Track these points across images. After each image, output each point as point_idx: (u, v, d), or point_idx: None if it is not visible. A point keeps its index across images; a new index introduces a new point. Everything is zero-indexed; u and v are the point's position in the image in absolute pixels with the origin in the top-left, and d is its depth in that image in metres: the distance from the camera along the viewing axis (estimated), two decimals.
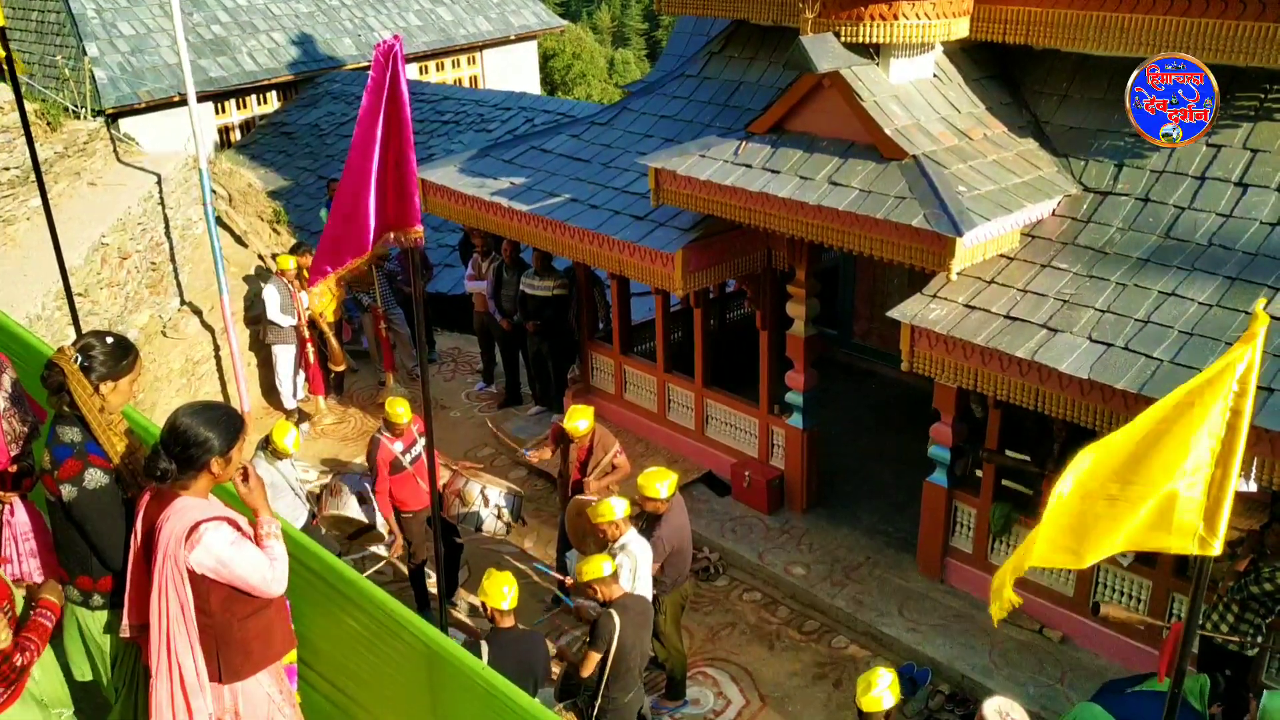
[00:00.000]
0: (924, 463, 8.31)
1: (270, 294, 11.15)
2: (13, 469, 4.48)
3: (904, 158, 7.09)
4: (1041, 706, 7.19)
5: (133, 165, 11.27)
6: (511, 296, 11.05)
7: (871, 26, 7.38)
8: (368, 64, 4.99)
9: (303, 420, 11.51)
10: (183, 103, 13.32)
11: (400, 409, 8.01)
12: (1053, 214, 7.43)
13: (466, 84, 21.74)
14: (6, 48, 6.98)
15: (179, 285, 11.24)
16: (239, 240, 12.29)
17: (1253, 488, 6.12)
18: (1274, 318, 6.08)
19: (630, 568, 6.79)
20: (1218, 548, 2.95)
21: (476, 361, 12.72)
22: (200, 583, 3.71)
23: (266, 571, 3.79)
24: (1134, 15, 7.04)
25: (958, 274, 6.90)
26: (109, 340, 4.09)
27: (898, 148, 7.11)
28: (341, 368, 11.87)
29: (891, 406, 10.79)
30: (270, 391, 11.90)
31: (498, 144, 11.22)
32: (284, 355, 11.47)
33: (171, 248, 11.12)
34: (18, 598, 4.06)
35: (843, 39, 7.46)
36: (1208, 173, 7.06)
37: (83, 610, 4.16)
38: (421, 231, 4.82)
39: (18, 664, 3.72)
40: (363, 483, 8.22)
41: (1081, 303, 6.71)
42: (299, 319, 11.27)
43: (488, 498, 8.00)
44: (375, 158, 4.65)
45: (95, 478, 3.93)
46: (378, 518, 8.13)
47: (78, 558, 4.09)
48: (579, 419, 7.98)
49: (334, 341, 11.47)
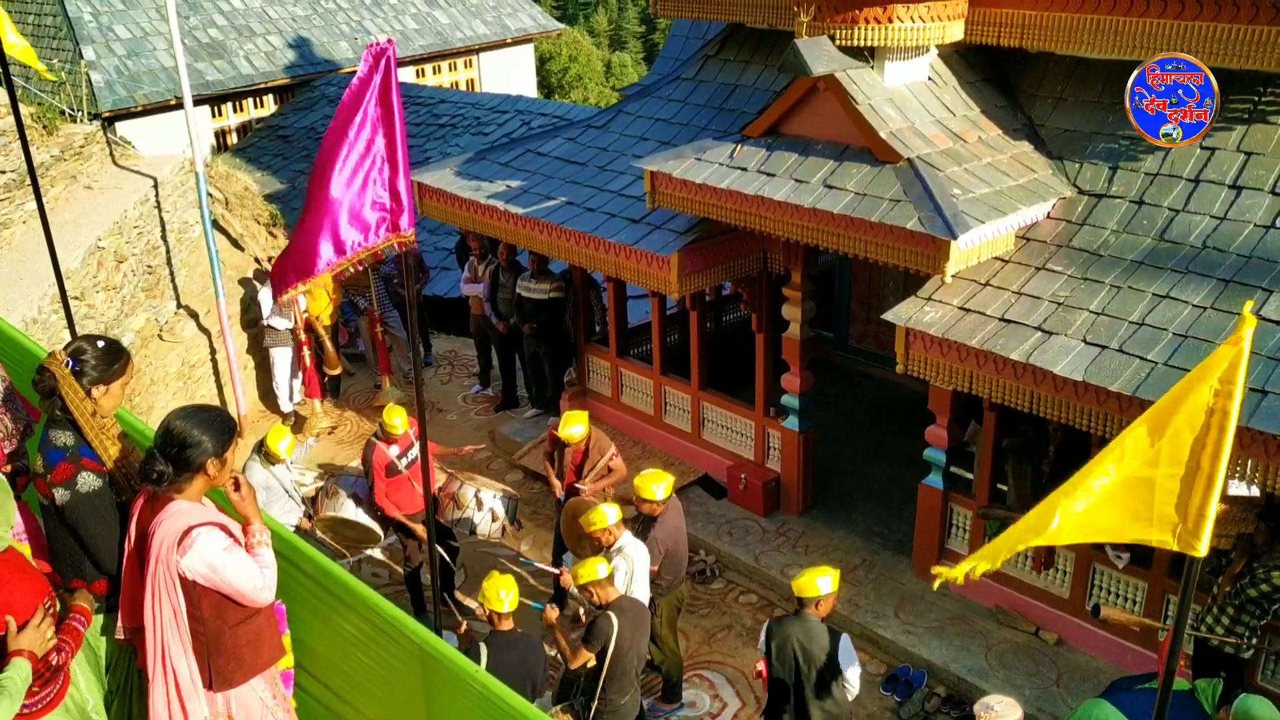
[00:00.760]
0: (920, 465, 8.32)
1: (265, 297, 11.17)
2: (6, 469, 4.47)
3: (899, 161, 7.11)
4: (1038, 708, 7.20)
5: (129, 169, 11.28)
6: (508, 299, 11.05)
7: (866, 30, 7.40)
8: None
9: (299, 427, 11.50)
10: (179, 106, 13.34)
11: (396, 419, 8.00)
12: (1047, 216, 7.44)
13: (463, 87, 21.76)
14: (4, 64, 6.97)
15: (175, 289, 11.24)
16: (235, 243, 12.29)
17: (1255, 491, 6.12)
18: (1268, 320, 6.11)
19: (627, 571, 6.80)
20: (1203, 549, 2.95)
21: (473, 364, 12.73)
22: (191, 588, 3.70)
23: (257, 579, 3.79)
24: (1128, 18, 7.06)
25: (952, 276, 6.91)
26: (100, 344, 4.09)
27: (892, 151, 7.13)
28: (336, 371, 11.86)
29: (887, 409, 10.80)
30: (267, 395, 11.91)
31: (494, 147, 11.23)
32: (281, 358, 11.48)
33: (168, 251, 11.12)
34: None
35: (837, 42, 7.47)
36: (1202, 175, 7.08)
37: None
38: (414, 235, 4.81)
39: (54, 663, 3.71)
40: (359, 485, 8.22)
41: (1076, 305, 6.72)
42: (295, 322, 11.27)
43: (482, 501, 8.00)
44: (340, 168, 4.56)
45: (88, 481, 3.94)
46: (371, 522, 8.13)
47: (71, 561, 4.09)
48: (574, 425, 7.97)
49: (329, 345, 11.46)
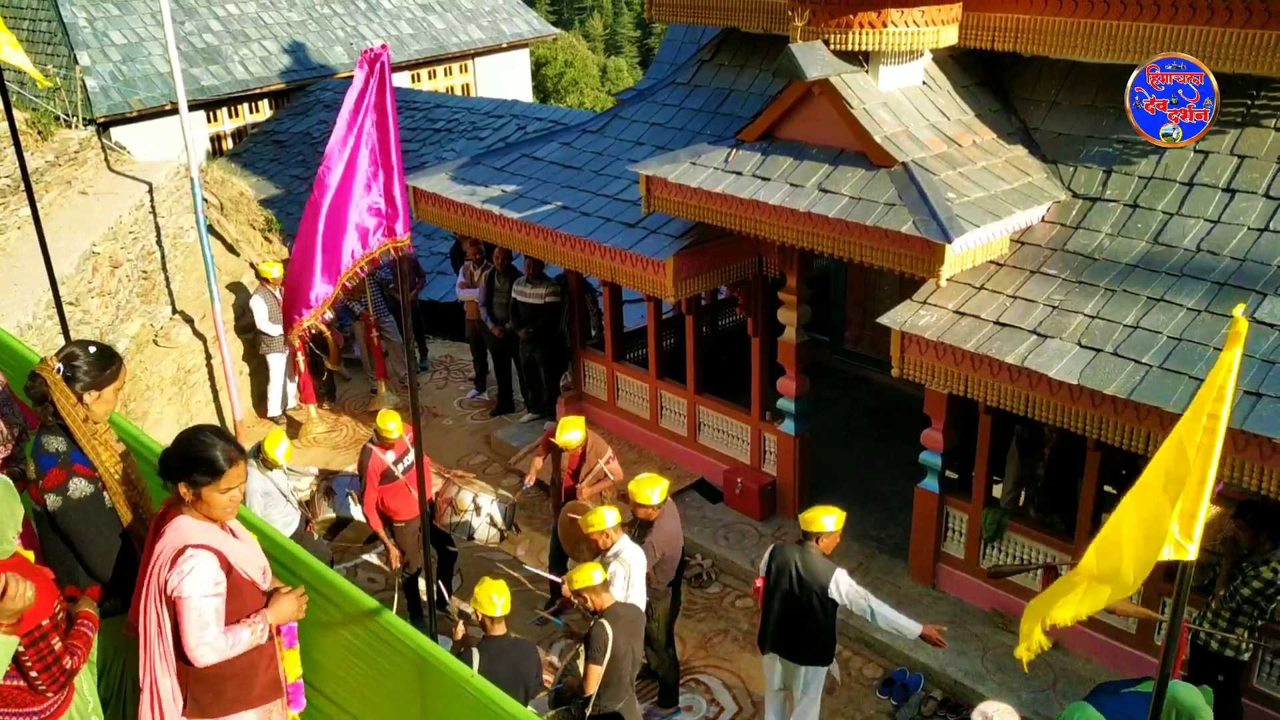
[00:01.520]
0: (916, 469, 8.32)
1: (258, 304, 11.15)
2: (2, 473, 4.46)
3: (893, 165, 7.12)
4: (1034, 712, 7.20)
5: (124, 174, 11.27)
6: (504, 304, 11.05)
7: (861, 34, 7.41)
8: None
9: (293, 432, 11.50)
10: (174, 111, 13.34)
11: (391, 424, 7.99)
12: (1042, 220, 7.46)
13: (459, 92, 21.77)
14: None
15: (170, 294, 11.23)
16: (231, 249, 12.28)
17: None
18: (1261, 323, 6.12)
19: (624, 575, 6.79)
20: (1193, 552, 2.96)
21: (468, 369, 12.72)
22: (174, 606, 3.67)
23: (205, 641, 3.66)
24: (1122, 22, 7.08)
25: (947, 280, 6.92)
26: (92, 349, 4.08)
27: (887, 155, 7.14)
28: (336, 367, 11.94)
29: (883, 412, 10.81)
30: (262, 401, 11.90)
31: (490, 152, 11.23)
32: (276, 364, 11.49)
33: (163, 256, 11.11)
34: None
35: (832, 47, 7.48)
36: (1196, 179, 7.09)
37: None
38: (408, 240, 4.81)
39: (67, 666, 3.70)
40: (354, 484, 8.22)
41: (1071, 308, 6.74)
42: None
43: (480, 506, 7.99)
44: (341, 187, 4.57)
45: (80, 487, 3.92)
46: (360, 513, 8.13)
47: (64, 567, 4.07)
48: (570, 431, 7.95)
49: (331, 339, 11.55)
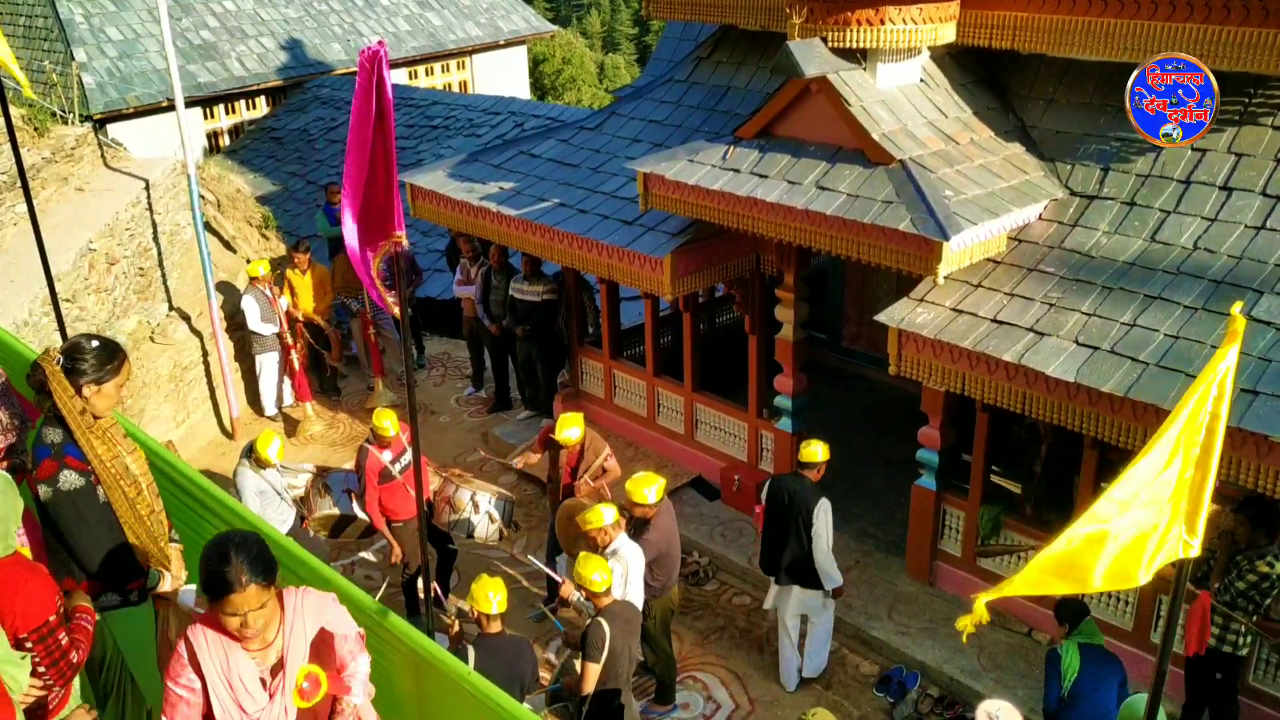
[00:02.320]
0: (913, 466, 8.33)
1: (249, 304, 11.11)
2: (4, 465, 4.44)
3: (891, 162, 7.12)
4: (1030, 709, 7.19)
5: (121, 170, 11.25)
6: (500, 301, 11.04)
7: (858, 32, 7.41)
8: (357, 69, 4.95)
9: (290, 430, 11.50)
10: (171, 108, 13.31)
11: (387, 422, 7.98)
12: (1039, 218, 7.46)
13: (456, 89, 21.75)
14: None
15: (167, 291, 11.22)
16: (227, 246, 12.28)
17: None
18: (1258, 321, 6.13)
19: (622, 573, 6.79)
20: (1196, 548, 2.96)
21: (465, 366, 12.72)
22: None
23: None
24: (1119, 20, 7.08)
25: (945, 278, 6.92)
26: (95, 343, 4.05)
27: (885, 152, 7.14)
28: (337, 363, 11.98)
29: (880, 410, 10.81)
30: (259, 399, 11.89)
31: (487, 149, 11.22)
32: (268, 364, 11.47)
33: (160, 253, 11.10)
34: None
35: (830, 44, 7.48)
36: (1192, 177, 7.10)
37: None
38: (404, 236, 4.80)
39: (74, 660, 3.69)
40: (350, 479, 8.22)
41: (1068, 306, 6.74)
42: (280, 325, 11.25)
43: (478, 503, 7.99)
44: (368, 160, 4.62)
45: (69, 479, 3.90)
46: (364, 514, 8.12)
47: (61, 560, 4.07)
48: (570, 428, 7.94)
49: (331, 334, 11.60)
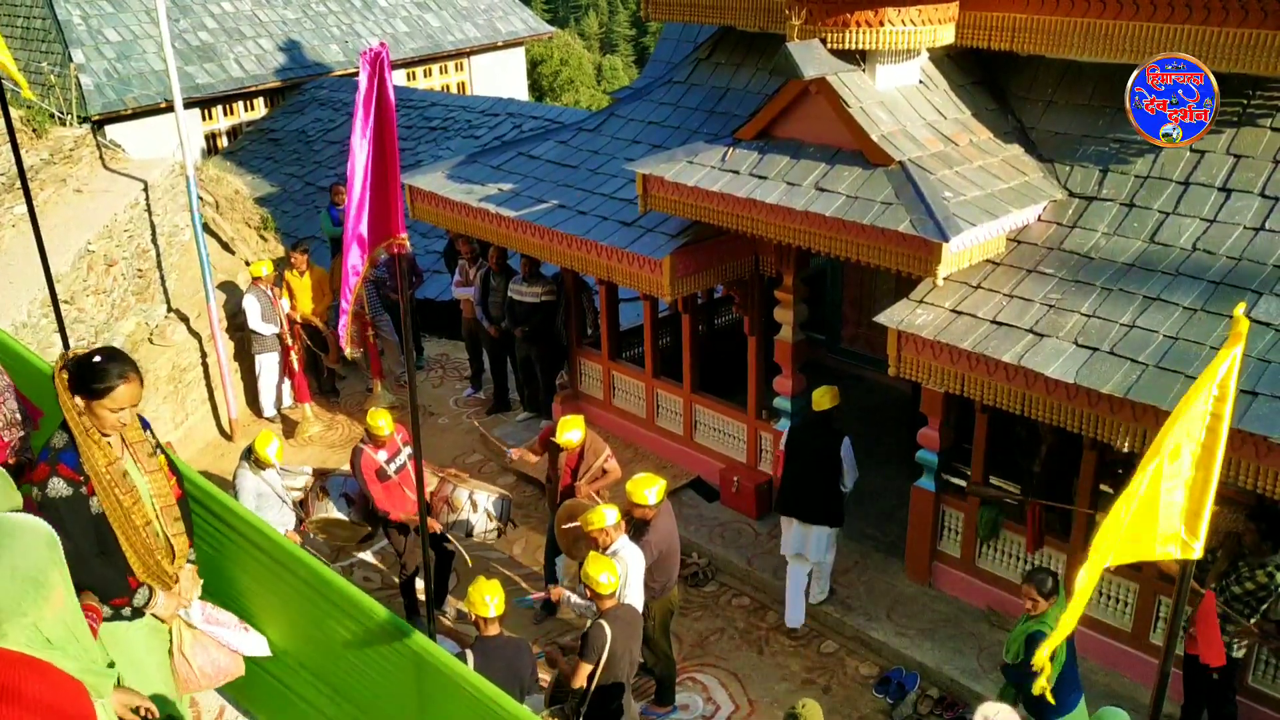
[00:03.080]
0: (912, 467, 8.33)
1: (250, 303, 11.12)
2: (12, 460, 4.35)
3: (890, 163, 7.12)
4: (1029, 711, 7.20)
5: (119, 172, 11.24)
6: (499, 303, 11.04)
7: (858, 33, 7.41)
8: (355, 70, 4.97)
9: (289, 432, 11.48)
10: (169, 109, 13.32)
11: (381, 421, 7.98)
12: (1038, 219, 7.46)
13: (454, 90, 21.74)
14: None
15: (166, 292, 11.21)
16: (226, 247, 12.26)
17: None
18: (1257, 322, 6.13)
19: (622, 574, 6.78)
20: (1198, 550, 2.96)
21: (465, 368, 12.71)
22: None
23: None
24: (1118, 22, 7.09)
25: (944, 279, 6.92)
26: (98, 358, 3.93)
27: (884, 153, 7.14)
28: (335, 365, 11.97)
29: (879, 411, 10.81)
30: (257, 400, 11.88)
31: (485, 150, 11.22)
32: (268, 364, 11.46)
33: (158, 255, 11.08)
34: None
35: (829, 45, 7.48)
36: (1191, 178, 7.10)
37: None
38: (406, 239, 4.80)
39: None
40: (349, 484, 8.21)
41: (1067, 308, 6.74)
42: (281, 326, 11.25)
43: (476, 503, 7.99)
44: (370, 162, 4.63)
45: (57, 487, 3.81)
46: (362, 520, 8.12)
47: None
48: (570, 430, 7.92)
49: (330, 335, 11.58)
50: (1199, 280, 6.58)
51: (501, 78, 22.62)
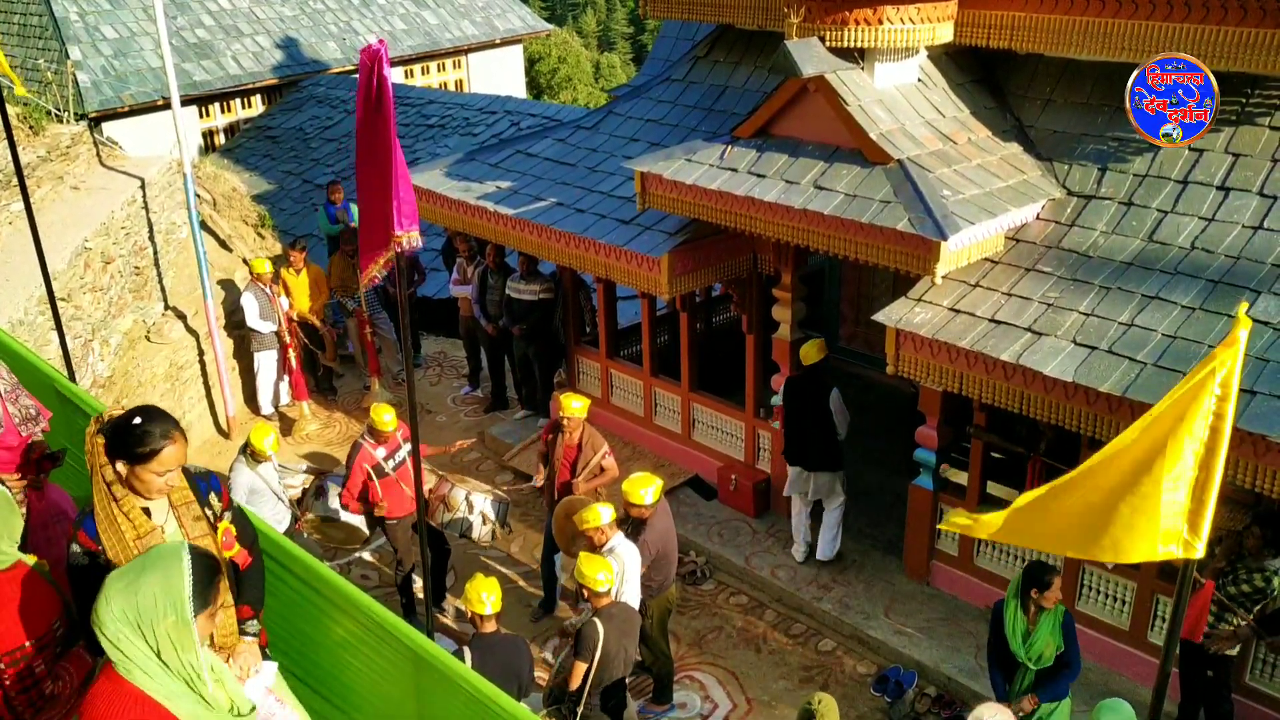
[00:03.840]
0: (910, 466, 8.33)
1: (249, 301, 11.10)
2: (34, 453, 4.18)
3: (889, 162, 7.11)
4: None
5: (116, 169, 11.22)
6: (497, 301, 11.03)
7: (856, 31, 7.40)
8: (352, 68, 4.96)
9: (286, 429, 11.47)
10: (166, 106, 13.28)
11: (386, 415, 7.99)
12: (1037, 218, 7.46)
13: (452, 88, 21.71)
14: None
15: (163, 289, 11.19)
16: (223, 244, 12.24)
17: None
18: (1255, 320, 6.13)
19: (618, 571, 6.78)
20: (1200, 550, 2.96)
21: (462, 365, 12.70)
22: None
23: None
24: (1117, 20, 7.08)
25: (942, 278, 6.92)
26: (138, 420, 3.55)
27: (883, 152, 7.13)
28: (332, 362, 11.95)
29: (877, 410, 10.79)
30: (254, 397, 11.86)
31: (483, 148, 11.20)
32: (266, 362, 11.45)
33: (155, 252, 11.06)
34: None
35: (828, 44, 7.47)
36: (1190, 177, 7.10)
37: None
38: (418, 234, 4.81)
39: (47, 691, 3.37)
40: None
41: (1066, 306, 6.74)
42: (279, 323, 11.24)
43: (473, 504, 7.98)
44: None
45: (75, 555, 3.56)
46: (359, 521, 8.10)
47: None
48: (575, 401, 8.04)
49: (326, 333, 11.58)
50: (1197, 279, 6.58)
51: (499, 75, 22.60)
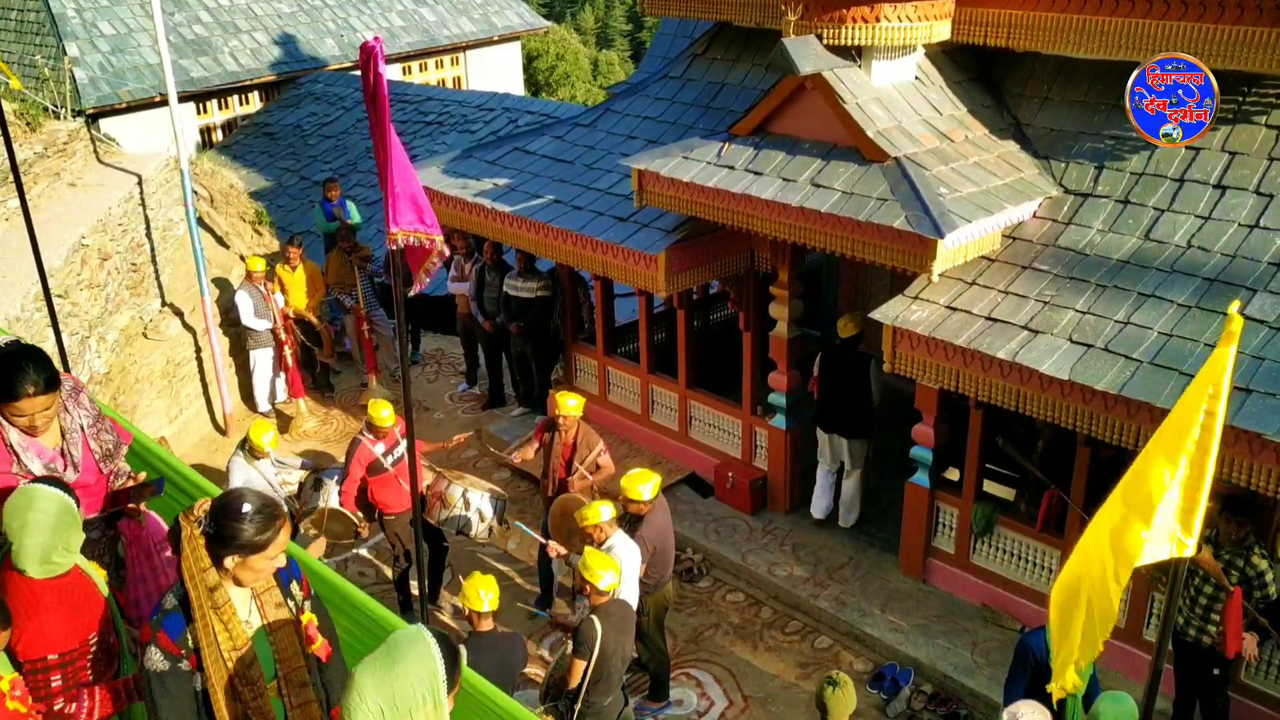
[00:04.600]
0: (906, 464, 8.34)
1: (243, 299, 11.08)
2: (117, 485, 4.09)
3: (886, 160, 7.12)
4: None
5: (113, 166, 11.21)
6: (494, 298, 11.03)
7: (853, 29, 7.41)
8: (350, 64, 4.95)
9: (284, 427, 11.47)
10: (164, 103, 13.28)
11: (384, 411, 8.00)
12: (1033, 216, 7.47)
13: (450, 85, 21.69)
14: None
15: (160, 286, 11.18)
16: (221, 241, 12.24)
17: None
18: (1250, 319, 6.14)
19: None
20: (1192, 547, 2.96)
21: (460, 363, 12.70)
22: None
23: None
24: (1114, 18, 7.09)
25: (939, 275, 6.93)
26: (247, 507, 3.27)
27: (880, 150, 7.14)
28: (329, 359, 11.95)
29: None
30: (251, 395, 11.86)
31: (481, 145, 11.20)
32: (262, 359, 11.44)
33: (152, 249, 11.06)
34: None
35: (825, 41, 7.48)
36: (1186, 175, 7.11)
37: None
38: (441, 239, 4.84)
39: (57, 708, 3.29)
40: (342, 476, 8.19)
41: (1062, 304, 6.75)
42: (274, 321, 11.23)
43: (470, 500, 7.98)
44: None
45: (154, 659, 3.24)
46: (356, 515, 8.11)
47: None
48: (570, 399, 8.02)
49: (322, 329, 11.58)
50: (1193, 277, 6.58)
51: (497, 72, 22.58)
